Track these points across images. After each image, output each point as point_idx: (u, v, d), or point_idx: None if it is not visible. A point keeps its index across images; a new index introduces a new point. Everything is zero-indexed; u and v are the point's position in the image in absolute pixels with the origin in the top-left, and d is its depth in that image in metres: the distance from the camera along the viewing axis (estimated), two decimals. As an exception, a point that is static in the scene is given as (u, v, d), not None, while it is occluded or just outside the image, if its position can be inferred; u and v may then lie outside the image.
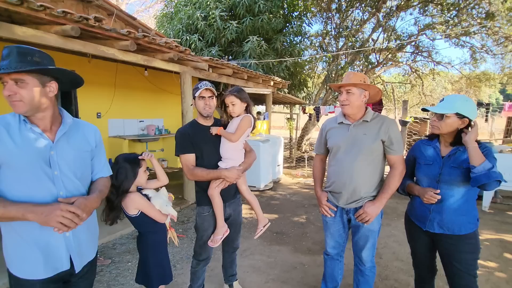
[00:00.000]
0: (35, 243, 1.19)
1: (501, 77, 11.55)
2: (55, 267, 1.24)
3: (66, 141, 1.28)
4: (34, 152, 1.18)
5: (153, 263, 1.79)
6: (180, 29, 8.46)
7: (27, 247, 1.19)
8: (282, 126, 17.62)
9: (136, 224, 1.80)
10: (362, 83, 1.79)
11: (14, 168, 1.15)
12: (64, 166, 1.24)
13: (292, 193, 5.66)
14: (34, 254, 1.20)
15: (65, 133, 1.28)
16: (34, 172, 1.17)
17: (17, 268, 1.20)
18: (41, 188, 1.19)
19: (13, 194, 1.15)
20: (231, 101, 1.93)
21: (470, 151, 1.56)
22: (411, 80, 12.81)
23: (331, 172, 2.00)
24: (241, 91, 1.96)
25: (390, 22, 9.76)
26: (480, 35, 9.51)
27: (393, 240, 3.54)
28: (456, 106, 1.64)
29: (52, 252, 1.23)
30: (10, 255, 1.21)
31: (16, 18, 2.60)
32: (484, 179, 1.51)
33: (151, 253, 1.79)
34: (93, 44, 3.16)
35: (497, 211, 4.62)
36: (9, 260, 1.21)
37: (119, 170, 1.66)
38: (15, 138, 1.15)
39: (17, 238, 1.19)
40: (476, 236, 1.69)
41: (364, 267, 2.00)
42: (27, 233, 1.18)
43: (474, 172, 1.55)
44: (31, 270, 1.20)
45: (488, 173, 1.50)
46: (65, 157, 1.25)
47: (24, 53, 1.15)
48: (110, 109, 6.06)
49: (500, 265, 2.96)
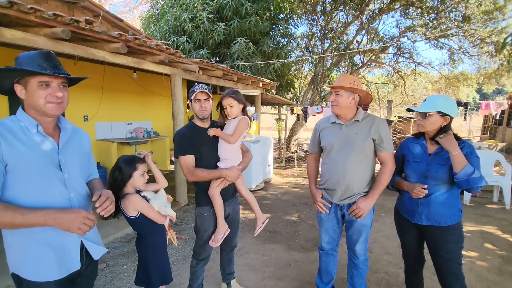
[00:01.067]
0: (49, 244, 1.21)
1: (478, 77, 12.10)
2: (68, 268, 1.26)
3: (69, 145, 1.31)
4: (45, 156, 1.20)
5: (153, 264, 1.81)
6: (167, 30, 8.41)
7: (40, 249, 1.20)
8: (270, 126, 17.76)
9: (135, 226, 1.81)
10: (349, 86, 1.88)
11: (25, 173, 1.14)
12: (72, 168, 1.28)
13: (283, 193, 5.75)
14: (48, 255, 1.21)
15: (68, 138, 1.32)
16: (46, 176, 1.18)
17: (30, 271, 1.19)
18: (54, 192, 1.20)
19: (24, 200, 1.14)
20: (229, 103, 1.97)
21: (451, 158, 1.70)
22: (394, 81, 13.21)
23: (325, 170, 2.08)
24: (238, 93, 2.01)
25: (373, 24, 10.06)
26: (457, 37, 9.95)
27: (382, 235, 3.68)
28: (438, 105, 1.76)
29: (66, 252, 1.25)
30: (20, 259, 1.19)
31: (4, 20, 2.55)
32: (465, 185, 1.67)
33: (151, 254, 1.81)
34: (83, 46, 3.13)
35: (477, 204, 4.88)
36: (19, 264, 1.19)
37: (114, 171, 1.70)
38: (24, 142, 1.16)
39: (29, 241, 1.18)
40: (460, 227, 1.82)
41: (357, 260, 2.09)
42: (41, 235, 1.19)
43: (456, 178, 1.69)
44: (45, 272, 1.21)
45: (468, 179, 1.65)
46: (72, 160, 1.29)
47: (57, 58, 1.25)
48: (98, 112, 5.97)
49: (481, 255, 3.15)
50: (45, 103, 1.17)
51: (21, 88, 1.18)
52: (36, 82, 1.16)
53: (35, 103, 1.18)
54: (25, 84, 1.17)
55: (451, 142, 1.71)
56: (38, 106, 1.18)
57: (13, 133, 1.15)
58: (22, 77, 1.17)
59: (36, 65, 1.15)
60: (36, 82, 1.16)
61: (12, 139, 1.13)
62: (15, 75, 1.17)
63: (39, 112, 1.20)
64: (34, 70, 1.13)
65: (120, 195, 1.71)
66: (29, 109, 1.21)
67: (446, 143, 1.72)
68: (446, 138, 1.73)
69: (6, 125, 1.16)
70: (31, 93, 1.17)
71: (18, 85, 1.18)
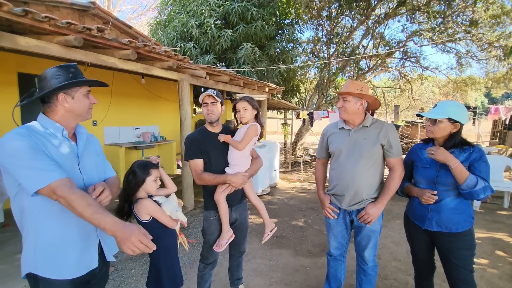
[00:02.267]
0: (73, 242, 1.25)
1: (486, 81, 11.97)
2: (87, 265, 1.30)
3: (85, 148, 1.38)
4: (70, 158, 1.27)
5: (164, 268, 1.82)
6: (174, 36, 8.54)
7: (65, 246, 1.23)
8: (275, 131, 17.77)
9: (147, 230, 1.83)
10: (357, 92, 1.89)
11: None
12: (89, 170, 1.35)
13: (289, 197, 5.74)
14: (71, 253, 1.25)
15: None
16: (73, 178, 1.22)
17: (50, 269, 1.22)
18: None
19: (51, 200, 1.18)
20: (243, 106, 2.00)
21: (452, 172, 1.69)
22: (400, 85, 13.15)
23: (333, 175, 2.08)
24: (253, 99, 2.04)
25: (379, 29, 10.06)
26: (465, 41, 9.89)
27: (390, 241, 3.64)
28: (448, 111, 1.75)
29: (87, 250, 1.30)
30: (41, 257, 1.21)
31: (17, 28, 2.62)
32: (469, 197, 1.69)
33: (162, 258, 1.81)
34: (94, 53, 3.20)
35: (487, 210, 4.80)
36: (38, 262, 1.21)
37: (128, 175, 1.72)
38: (54, 145, 1.22)
39: (54, 239, 1.22)
40: (471, 233, 1.80)
41: (366, 266, 2.08)
42: (65, 234, 1.23)
43: (461, 189, 1.70)
44: (66, 270, 1.24)
45: (471, 192, 1.66)
46: (89, 162, 1.36)
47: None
48: (106, 117, 6.06)
49: (492, 262, 3.09)
50: (87, 109, 1.34)
51: (65, 97, 1.27)
52: (84, 91, 1.32)
53: (81, 109, 1.31)
54: (72, 93, 1.28)
55: (445, 156, 1.69)
56: (82, 112, 1.32)
57: (44, 136, 1.21)
58: (71, 87, 1.27)
59: (83, 76, 1.31)
60: (84, 91, 1.32)
61: (45, 141, 1.20)
62: (68, 86, 1.27)
63: (79, 117, 1.33)
64: (95, 81, 1.34)
65: (133, 200, 1.74)
66: (57, 116, 1.28)
67: (440, 158, 1.70)
68: (437, 153, 1.70)
69: (34, 129, 1.21)
70: (79, 101, 1.30)
71: (64, 94, 1.27)
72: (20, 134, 1.14)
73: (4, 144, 1.11)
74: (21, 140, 1.12)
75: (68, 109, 1.28)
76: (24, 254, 1.24)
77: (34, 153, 1.12)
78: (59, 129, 1.26)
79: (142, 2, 32.46)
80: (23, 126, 1.21)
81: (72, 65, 1.31)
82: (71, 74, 1.27)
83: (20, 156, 1.10)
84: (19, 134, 1.14)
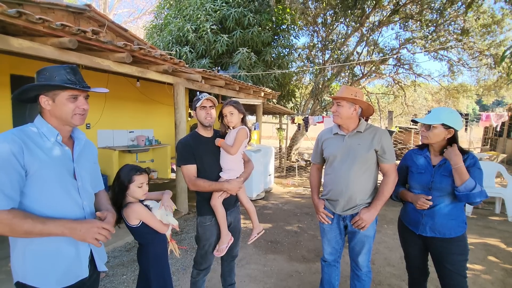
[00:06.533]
0: (61, 252, 1.22)
1: (477, 88, 12.21)
2: (77, 275, 1.27)
3: (81, 154, 1.34)
4: (62, 164, 1.23)
5: (154, 275, 1.78)
6: (170, 40, 8.54)
7: (53, 257, 1.20)
8: (270, 136, 17.79)
9: (137, 235, 1.80)
10: (350, 97, 1.90)
11: (44, 180, 1.16)
12: (84, 177, 1.31)
13: (284, 202, 5.73)
14: (60, 263, 1.22)
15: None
16: (63, 184, 1.21)
17: (39, 279, 1.19)
18: (70, 200, 1.23)
19: (40, 208, 1.16)
20: (230, 110, 2.00)
21: (453, 171, 1.71)
22: (394, 91, 13.32)
23: (327, 180, 2.08)
24: (239, 103, 2.05)
25: (373, 36, 10.21)
26: (456, 50, 10.10)
27: (384, 246, 3.65)
28: (442, 117, 1.78)
29: (77, 260, 1.26)
30: (30, 267, 1.18)
31: (11, 29, 2.59)
32: (464, 199, 1.70)
33: (152, 265, 1.78)
34: (88, 56, 3.18)
35: (480, 216, 4.85)
36: (27, 272, 1.18)
37: (114, 181, 1.74)
38: (44, 150, 1.18)
39: (41, 249, 1.18)
40: (464, 239, 1.82)
41: (360, 272, 2.07)
42: (54, 243, 1.20)
43: (457, 191, 1.71)
44: (55, 279, 1.21)
45: (468, 194, 1.67)
46: (84, 169, 1.32)
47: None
48: (100, 120, 6.00)
49: (485, 268, 3.11)
50: (72, 114, 1.24)
51: (47, 99, 1.22)
52: (67, 95, 1.22)
53: (62, 115, 1.23)
54: (53, 96, 1.22)
55: (455, 154, 1.72)
56: (65, 117, 1.24)
57: (34, 140, 1.18)
58: (51, 89, 1.21)
59: (65, 79, 1.21)
60: (67, 95, 1.22)
61: (33, 146, 1.16)
62: (47, 88, 1.21)
63: (63, 122, 1.25)
64: (68, 86, 1.21)
65: (122, 204, 1.71)
66: (50, 118, 1.24)
67: (450, 155, 1.73)
68: (449, 150, 1.74)
69: (27, 133, 1.18)
70: (60, 105, 1.22)
71: (44, 96, 1.22)
72: (4, 141, 1.09)
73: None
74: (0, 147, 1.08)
75: (51, 112, 1.24)
76: (13, 262, 1.21)
77: (0, 170, 1.06)
78: (54, 133, 1.23)
79: (138, 5, 32.52)
80: (17, 129, 1.19)
81: (67, 66, 1.26)
82: (57, 76, 1.20)
83: None
84: (3, 140, 1.10)
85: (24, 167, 1.12)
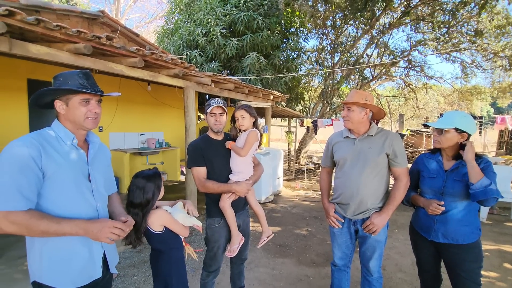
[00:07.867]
0: (76, 252, 1.26)
1: (491, 91, 11.90)
2: (90, 275, 1.30)
3: (96, 157, 1.39)
4: (78, 167, 1.28)
5: (176, 280, 1.73)
6: (181, 44, 8.66)
7: (68, 257, 1.24)
8: (279, 138, 17.75)
9: (159, 241, 1.71)
10: (361, 102, 1.89)
11: (61, 182, 1.20)
12: (98, 180, 1.35)
13: (292, 206, 5.70)
14: (75, 263, 1.25)
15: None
16: (79, 186, 1.25)
17: (55, 278, 1.22)
18: (85, 202, 1.27)
19: (57, 209, 1.20)
20: (241, 114, 2.02)
21: (469, 169, 1.67)
22: (405, 94, 13.12)
23: (338, 184, 2.07)
24: (251, 107, 2.07)
25: (383, 38, 10.11)
26: (470, 51, 9.88)
27: (395, 251, 3.59)
28: (455, 122, 1.75)
29: (91, 260, 1.30)
30: (46, 267, 1.22)
31: (29, 36, 2.69)
32: (481, 195, 1.62)
33: (174, 270, 1.73)
34: (102, 61, 3.26)
35: (495, 222, 4.72)
36: (43, 272, 1.22)
37: (145, 189, 1.61)
38: (61, 153, 1.23)
39: (57, 249, 1.22)
40: (479, 245, 1.77)
41: (371, 277, 2.04)
42: (69, 243, 1.24)
43: (472, 189, 1.65)
44: (70, 279, 1.25)
45: (485, 190, 1.61)
46: (98, 172, 1.37)
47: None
48: (112, 123, 6.13)
49: (501, 275, 3.02)
50: (84, 118, 1.28)
51: (61, 103, 1.27)
52: (79, 99, 1.26)
53: (75, 118, 1.27)
54: (67, 100, 1.26)
55: (473, 152, 1.69)
56: (78, 121, 1.28)
57: (52, 144, 1.23)
58: (64, 94, 1.26)
59: (78, 83, 1.26)
60: (79, 99, 1.26)
61: (50, 149, 1.20)
62: (61, 92, 1.26)
63: (77, 125, 1.29)
64: (80, 90, 1.24)
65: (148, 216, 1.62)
66: (66, 122, 1.29)
67: (467, 152, 1.70)
68: (468, 146, 1.72)
69: (45, 136, 1.23)
70: (73, 109, 1.26)
71: (59, 101, 1.27)
72: (24, 145, 1.13)
73: (4, 149, 1.13)
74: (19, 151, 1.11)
75: (65, 116, 1.28)
76: (30, 262, 1.25)
77: (19, 172, 1.09)
78: (70, 137, 1.27)
79: (149, 10, 33.09)
80: (36, 133, 1.23)
81: (80, 71, 1.30)
82: (71, 81, 1.24)
83: (2, 168, 1.10)
84: (22, 144, 1.13)
85: (41, 169, 1.16)
